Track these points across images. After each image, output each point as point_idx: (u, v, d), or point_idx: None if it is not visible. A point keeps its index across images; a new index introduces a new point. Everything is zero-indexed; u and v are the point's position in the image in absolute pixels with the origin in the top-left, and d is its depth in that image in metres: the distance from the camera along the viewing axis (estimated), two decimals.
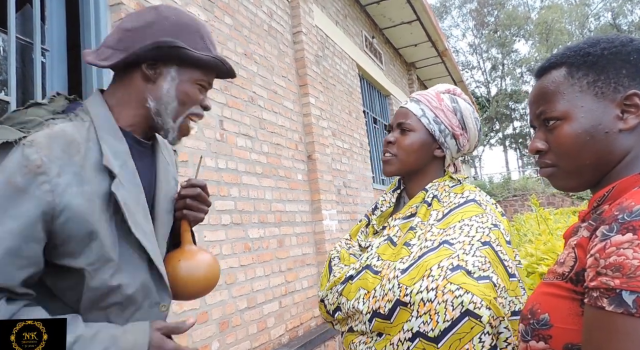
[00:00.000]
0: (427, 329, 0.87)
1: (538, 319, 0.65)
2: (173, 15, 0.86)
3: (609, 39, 0.69)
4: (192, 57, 0.84)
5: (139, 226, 0.79)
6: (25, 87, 2.05)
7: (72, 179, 0.73)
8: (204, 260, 0.92)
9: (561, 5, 32.66)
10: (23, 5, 2.08)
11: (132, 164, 0.83)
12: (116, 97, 0.87)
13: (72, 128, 0.78)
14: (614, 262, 0.53)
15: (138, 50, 0.81)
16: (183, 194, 0.94)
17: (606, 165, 0.68)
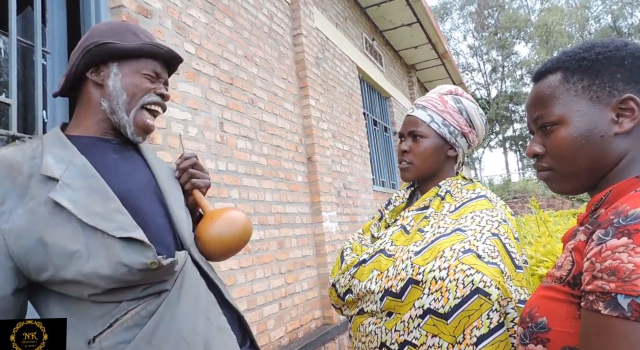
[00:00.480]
0: (438, 306, 0.91)
1: (536, 322, 0.66)
2: (104, 25, 0.92)
3: (603, 43, 0.70)
4: (124, 49, 0.88)
5: (94, 213, 0.79)
6: (26, 89, 2.06)
7: (16, 202, 0.77)
8: (233, 216, 0.95)
9: (561, 8, 32.70)
10: (24, 7, 2.09)
11: (81, 160, 0.84)
12: (78, 114, 0.93)
13: (12, 151, 0.82)
14: (609, 266, 0.54)
15: (72, 62, 0.87)
16: (182, 167, 0.98)
17: (602, 168, 0.68)
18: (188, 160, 0.99)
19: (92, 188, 0.82)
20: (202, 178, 0.99)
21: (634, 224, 0.54)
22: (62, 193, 0.79)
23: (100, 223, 0.79)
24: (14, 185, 0.77)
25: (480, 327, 0.87)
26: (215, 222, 0.92)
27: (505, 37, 32.58)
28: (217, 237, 0.91)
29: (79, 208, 0.79)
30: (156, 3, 2.43)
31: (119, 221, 0.81)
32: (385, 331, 0.99)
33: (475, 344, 0.87)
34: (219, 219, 0.93)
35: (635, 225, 0.54)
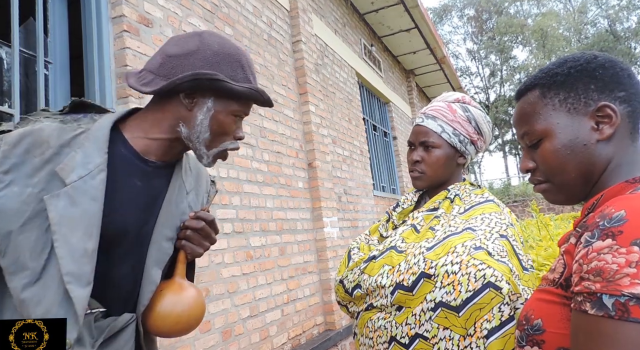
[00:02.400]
0: (450, 299, 0.93)
1: (532, 324, 0.68)
2: (216, 44, 0.85)
3: (574, 57, 0.74)
4: (230, 90, 0.84)
5: (67, 242, 0.74)
6: (28, 99, 2.07)
7: (18, 178, 0.74)
8: (187, 297, 0.87)
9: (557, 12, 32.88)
10: (26, 18, 2.11)
11: (102, 177, 0.79)
12: (147, 117, 0.88)
13: (52, 130, 0.78)
14: (595, 267, 0.56)
15: (177, 79, 0.82)
16: (186, 225, 0.90)
17: (592, 175, 0.71)
18: (195, 222, 0.90)
19: (86, 214, 0.77)
20: (198, 245, 0.91)
21: (618, 226, 0.56)
22: (58, 200, 0.75)
23: (64, 256, 0.73)
24: (29, 163, 0.75)
25: (492, 320, 0.89)
26: (165, 295, 0.86)
27: (503, 41, 32.73)
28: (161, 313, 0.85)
29: (60, 226, 0.74)
30: (157, 12, 2.45)
31: (80, 268, 0.75)
32: (396, 325, 1.01)
33: (486, 336, 0.89)
34: (170, 293, 0.86)
35: (618, 226, 0.56)
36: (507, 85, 33.49)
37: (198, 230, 0.90)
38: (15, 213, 0.73)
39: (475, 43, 34.90)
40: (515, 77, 32.90)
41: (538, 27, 30.23)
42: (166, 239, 0.88)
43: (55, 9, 2.13)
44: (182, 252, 0.91)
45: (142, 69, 0.88)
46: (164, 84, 0.83)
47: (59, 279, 0.73)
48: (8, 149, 0.74)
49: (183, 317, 0.86)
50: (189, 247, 0.90)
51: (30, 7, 2.00)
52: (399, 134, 7.21)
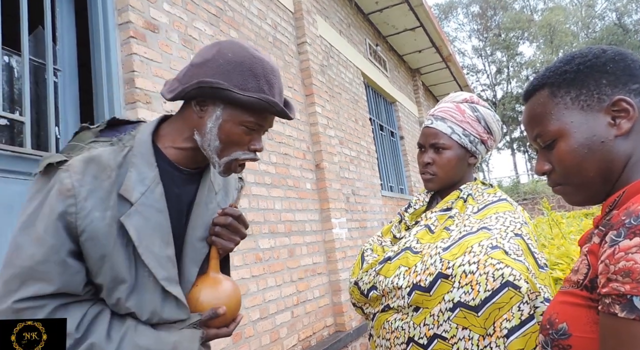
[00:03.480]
0: (468, 299, 0.92)
1: (557, 328, 0.65)
2: (230, 52, 0.85)
3: (582, 53, 0.71)
4: (235, 99, 0.83)
5: (152, 252, 0.82)
6: (38, 106, 2.10)
7: (97, 204, 0.78)
8: (224, 289, 0.92)
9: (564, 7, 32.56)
10: (35, 27, 2.13)
11: (160, 189, 0.85)
12: (173, 125, 0.92)
13: (109, 153, 0.83)
14: (623, 268, 0.53)
15: (186, 87, 0.84)
16: (215, 222, 0.94)
17: (612, 173, 0.68)
18: (223, 218, 0.94)
19: (158, 225, 0.84)
20: (228, 240, 0.94)
21: None
22: (132, 219, 0.81)
23: (154, 266, 0.82)
24: (100, 188, 0.79)
25: (511, 319, 0.88)
26: (202, 290, 0.90)
27: (509, 38, 32.49)
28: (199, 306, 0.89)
29: (141, 240, 0.81)
30: (162, 18, 2.47)
31: (169, 272, 0.84)
32: (414, 326, 1.00)
33: (506, 335, 0.88)
34: (207, 287, 0.90)
35: None
36: (514, 82, 33.24)
37: (226, 226, 0.93)
38: (105, 237, 0.78)
39: (481, 40, 34.69)
40: (522, 74, 32.64)
41: (546, 22, 29.96)
42: (199, 239, 0.93)
43: (63, 17, 2.16)
44: (214, 248, 0.94)
45: (175, 78, 0.92)
46: (177, 92, 0.85)
47: (152, 285, 0.83)
48: (80, 178, 0.77)
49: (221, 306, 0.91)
50: (219, 243, 0.94)
51: (39, 16, 2.03)
52: (406, 133, 7.19)
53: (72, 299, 0.78)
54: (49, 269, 0.75)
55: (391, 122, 6.86)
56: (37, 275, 0.75)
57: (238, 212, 0.95)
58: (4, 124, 2.15)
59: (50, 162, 0.79)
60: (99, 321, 0.79)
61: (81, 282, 0.78)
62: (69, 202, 0.76)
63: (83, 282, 0.79)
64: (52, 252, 0.75)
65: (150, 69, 2.29)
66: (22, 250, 0.76)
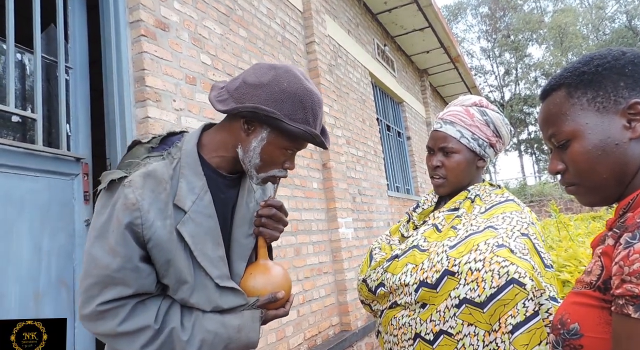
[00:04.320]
0: (474, 295, 0.94)
1: (568, 328, 0.65)
2: (285, 82, 0.92)
3: (601, 55, 0.71)
4: (283, 128, 0.91)
5: (205, 254, 0.91)
6: (50, 104, 2.12)
7: (157, 214, 0.86)
8: (274, 274, 0.99)
9: (575, 9, 32.29)
10: (47, 25, 2.16)
11: (209, 196, 0.93)
12: (217, 135, 0.99)
13: (162, 167, 0.91)
14: (637, 269, 0.54)
15: (241, 107, 0.90)
16: (260, 214, 1.01)
17: (625, 175, 0.69)
18: (267, 209, 1.01)
19: (209, 229, 0.92)
20: (273, 230, 1.02)
21: None
22: (187, 226, 0.89)
23: (209, 267, 0.91)
24: (158, 200, 0.87)
25: (516, 316, 0.90)
26: (255, 277, 0.98)
27: (518, 39, 32.28)
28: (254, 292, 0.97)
29: (196, 244, 0.90)
30: (173, 16, 2.48)
31: (222, 270, 0.94)
32: (420, 322, 1.03)
33: (511, 331, 0.90)
34: (259, 274, 0.99)
35: None
36: (522, 84, 33.03)
37: (271, 216, 1.01)
38: (168, 243, 0.87)
39: (490, 41, 34.50)
40: (530, 75, 32.43)
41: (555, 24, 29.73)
42: (244, 236, 1.01)
43: (75, 15, 2.18)
44: (261, 238, 1.02)
45: (223, 86, 0.98)
46: (229, 108, 0.92)
47: (209, 282, 0.91)
48: (141, 192, 0.85)
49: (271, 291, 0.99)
50: (267, 233, 1.01)
51: (52, 14, 2.05)
52: (413, 133, 7.17)
53: (146, 296, 0.88)
54: (125, 275, 0.84)
55: (398, 122, 6.84)
56: (115, 282, 0.84)
57: (280, 203, 1.03)
58: (16, 121, 2.18)
59: (113, 178, 0.87)
60: (172, 312, 0.89)
61: (153, 282, 0.88)
62: (135, 214, 0.84)
63: (155, 282, 0.88)
64: (126, 261, 0.84)
65: (161, 68, 2.31)
66: (98, 261, 0.84)
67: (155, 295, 0.90)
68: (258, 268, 1.00)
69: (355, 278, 3.94)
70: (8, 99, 1.80)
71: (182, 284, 0.89)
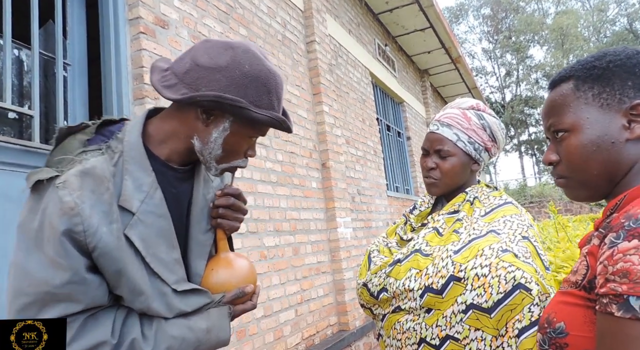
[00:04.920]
0: (481, 301, 0.95)
1: (554, 327, 0.67)
2: (247, 64, 0.82)
3: (615, 52, 0.71)
4: (250, 116, 0.82)
5: (159, 259, 0.81)
6: (48, 101, 2.11)
7: (101, 219, 0.75)
8: (237, 267, 0.92)
9: (577, 11, 32.28)
10: (46, 21, 2.15)
11: (159, 194, 0.83)
12: (166, 125, 0.87)
13: (102, 164, 0.79)
14: (621, 269, 0.55)
15: (199, 96, 0.80)
16: (217, 204, 0.93)
17: (615, 174, 0.69)
18: (224, 199, 0.92)
19: (162, 230, 0.82)
20: (233, 220, 0.94)
21: None
22: (136, 229, 0.79)
23: (164, 272, 0.81)
24: (100, 202, 0.75)
25: (522, 320, 0.91)
26: (218, 272, 0.91)
27: (519, 41, 32.27)
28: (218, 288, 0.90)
29: (148, 249, 0.80)
30: (173, 14, 2.48)
31: (178, 274, 0.84)
32: (426, 327, 1.03)
33: (517, 335, 0.91)
34: (221, 268, 0.91)
35: None
36: (524, 85, 33.02)
37: (229, 206, 0.93)
38: (117, 251, 0.76)
39: (491, 42, 34.50)
40: (531, 77, 32.42)
41: (557, 26, 29.72)
42: (203, 232, 0.92)
43: (74, 11, 2.17)
44: (220, 230, 0.94)
45: (167, 68, 0.86)
46: (183, 97, 0.81)
47: (167, 289, 0.82)
48: (79, 194, 0.73)
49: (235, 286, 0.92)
50: (226, 224, 0.93)
51: (50, 10, 2.04)
52: (413, 134, 7.16)
53: (98, 309, 0.77)
54: (72, 290, 0.73)
55: (398, 122, 6.84)
56: (57, 298, 0.72)
57: (238, 191, 0.94)
58: (13, 117, 2.17)
59: (40, 178, 0.74)
60: (130, 322, 0.79)
61: (105, 293, 0.77)
62: (75, 220, 0.72)
63: (107, 292, 0.77)
64: (72, 274, 0.72)
65: None
66: (33, 276, 0.72)
67: (107, 307, 0.78)
68: (220, 262, 0.92)
69: (353, 278, 3.93)
70: (5, 96, 1.79)
71: (138, 295, 0.78)
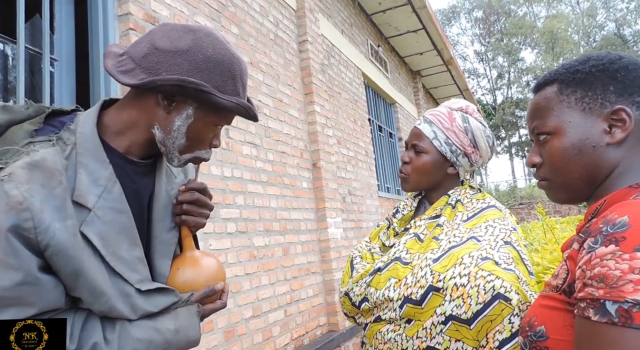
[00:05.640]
0: (460, 312, 0.93)
1: (535, 331, 0.67)
2: (210, 48, 0.78)
3: (598, 56, 0.72)
4: (215, 102, 0.78)
5: (120, 257, 0.76)
6: (34, 96, 2.08)
7: (54, 215, 0.69)
8: (204, 266, 0.88)
9: (567, 15, 32.66)
10: (32, 15, 2.11)
11: (118, 188, 0.78)
12: (124, 114, 0.82)
13: (52, 156, 0.72)
14: (598, 273, 0.55)
15: (159, 80, 0.75)
16: (180, 199, 0.88)
17: (595, 178, 0.70)
18: (189, 194, 0.87)
19: (122, 227, 0.77)
20: (198, 216, 0.89)
21: (621, 232, 0.55)
22: (93, 226, 0.73)
23: (126, 271, 0.76)
24: (52, 196, 0.70)
25: (503, 331, 0.90)
26: (184, 271, 0.86)
27: (511, 43, 32.56)
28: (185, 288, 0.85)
29: (107, 247, 0.75)
30: (163, 11, 2.45)
31: (142, 273, 0.79)
32: (407, 338, 1.01)
33: (498, 347, 0.90)
34: (188, 267, 0.87)
35: (622, 232, 0.55)
36: (515, 87, 33.33)
37: (194, 201, 0.88)
38: (72, 249, 0.70)
39: (483, 44, 34.77)
40: (522, 79, 32.73)
41: (547, 29, 30.05)
42: (167, 230, 0.87)
43: (61, 6, 2.14)
44: (185, 228, 0.89)
45: (123, 52, 0.81)
46: (143, 82, 0.76)
47: (130, 289, 0.77)
48: (28, 188, 0.67)
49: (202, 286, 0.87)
50: (191, 221, 0.88)
51: (37, 3, 2.01)
52: (405, 135, 7.18)
53: (53, 313, 0.71)
54: (23, 292, 0.66)
55: (390, 123, 6.85)
56: (6, 302, 0.66)
57: (203, 185, 0.90)
58: None
59: None
60: (90, 325, 0.73)
61: (61, 294, 0.71)
62: (24, 216, 0.66)
63: (63, 294, 0.71)
64: (23, 274, 0.66)
65: None
66: None
67: (64, 310, 0.72)
68: (186, 261, 0.87)
69: None
70: None
71: (99, 297, 0.72)
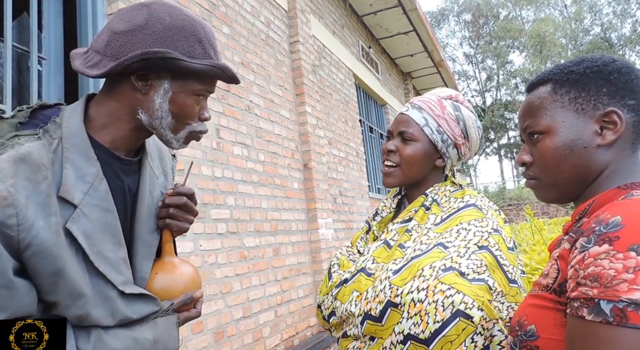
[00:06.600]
0: (418, 331, 0.84)
1: (525, 330, 0.67)
2: (167, 16, 0.76)
3: (593, 58, 0.73)
4: (187, 68, 0.75)
5: (105, 257, 0.74)
6: (21, 95, 2.05)
7: (38, 211, 0.67)
8: (183, 273, 0.86)
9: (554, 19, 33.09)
10: (20, 13, 2.09)
11: (105, 186, 0.76)
12: (104, 107, 0.80)
13: (39, 149, 0.70)
14: (592, 273, 0.56)
15: (125, 60, 0.73)
16: (167, 203, 0.86)
17: (585, 179, 0.71)
18: (177, 198, 0.86)
19: (107, 226, 0.75)
20: (182, 221, 0.87)
21: (615, 231, 0.56)
22: (79, 223, 0.71)
23: (110, 272, 0.74)
24: (37, 192, 0.67)
25: None
26: (163, 277, 0.85)
27: (500, 46, 32.91)
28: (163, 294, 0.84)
29: (92, 246, 0.72)
30: None
31: (125, 275, 0.77)
32: None
33: None
34: (165, 274, 0.85)
35: (615, 232, 0.56)
36: (504, 90, 33.67)
37: (181, 206, 0.86)
38: (55, 248, 0.68)
39: (472, 47, 35.08)
40: (511, 82, 33.07)
41: (535, 33, 30.41)
42: (150, 232, 0.85)
43: (50, 4, 2.11)
44: (167, 231, 0.87)
45: (87, 49, 0.79)
46: (111, 67, 0.74)
47: (111, 292, 0.74)
48: (13, 182, 0.65)
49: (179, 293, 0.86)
50: (175, 225, 0.87)
51: (25, 1, 1.98)
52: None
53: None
54: None
55: (381, 124, 6.88)
56: None
57: (192, 191, 0.88)
58: None
59: None
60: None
61: (34, 301, 0.67)
62: (8, 212, 0.63)
63: (35, 300, 0.68)
64: None
65: None
66: None
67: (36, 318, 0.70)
68: (165, 266, 0.85)
69: None
70: None
71: (77, 299, 0.69)
